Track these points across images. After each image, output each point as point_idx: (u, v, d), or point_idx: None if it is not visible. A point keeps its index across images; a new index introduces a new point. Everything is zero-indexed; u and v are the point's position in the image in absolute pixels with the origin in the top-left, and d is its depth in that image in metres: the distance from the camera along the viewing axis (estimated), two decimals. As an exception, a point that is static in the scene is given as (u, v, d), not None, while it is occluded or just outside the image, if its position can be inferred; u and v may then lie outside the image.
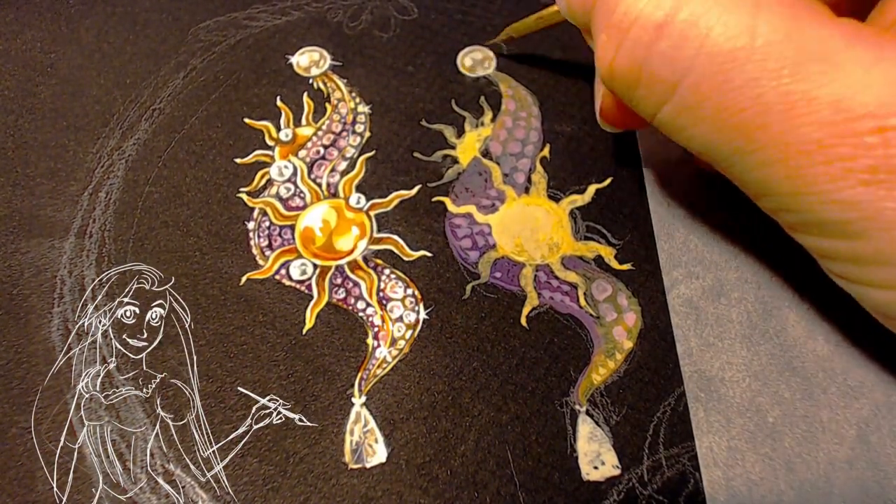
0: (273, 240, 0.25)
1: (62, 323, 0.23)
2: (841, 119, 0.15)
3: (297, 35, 0.30)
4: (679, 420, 0.21)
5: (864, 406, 0.21)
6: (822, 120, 0.15)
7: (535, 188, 0.26)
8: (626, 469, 0.21)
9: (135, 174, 0.26)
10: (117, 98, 0.28)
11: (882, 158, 0.15)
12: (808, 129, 0.15)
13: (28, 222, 0.25)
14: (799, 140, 0.15)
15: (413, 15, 0.31)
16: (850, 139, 0.15)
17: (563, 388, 0.22)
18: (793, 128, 0.15)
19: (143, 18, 0.31)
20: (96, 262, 0.24)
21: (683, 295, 0.24)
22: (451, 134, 0.28)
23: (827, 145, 0.15)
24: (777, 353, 0.22)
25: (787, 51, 0.15)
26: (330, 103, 0.28)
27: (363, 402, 0.22)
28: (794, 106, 0.15)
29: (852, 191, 0.15)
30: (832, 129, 0.15)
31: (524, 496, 0.20)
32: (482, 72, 0.29)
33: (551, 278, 0.24)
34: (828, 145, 0.15)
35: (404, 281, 0.24)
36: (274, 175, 0.26)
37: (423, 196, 0.26)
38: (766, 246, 0.24)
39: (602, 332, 0.23)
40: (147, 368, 0.22)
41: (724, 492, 0.20)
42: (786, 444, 0.21)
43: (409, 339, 0.23)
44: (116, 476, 0.21)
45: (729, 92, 0.16)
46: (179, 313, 0.23)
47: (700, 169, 0.26)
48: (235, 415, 0.21)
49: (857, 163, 0.15)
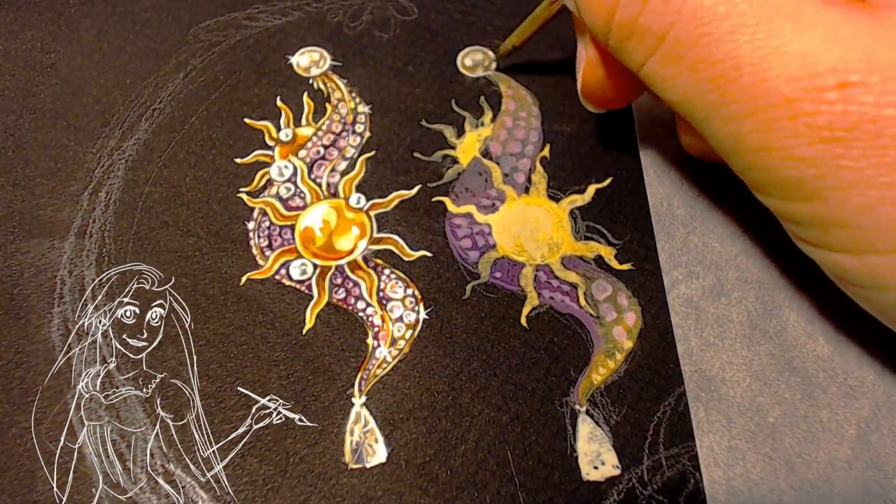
0: (273, 240, 0.25)
1: (62, 323, 0.23)
2: (806, 74, 0.16)
3: (297, 35, 0.30)
4: (679, 420, 0.21)
5: (864, 406, 0.21)
6: (790, 74, 0.16)
7: (535, 188, 0.26)
8: (626, 469, 0.21)
9: (135, 174, 0.26)
10: (117, 98, 0.28)
11: (840, 115, 0.15)
12: (776, 83, 0.16)
13: (28, 222, 0.25)
14: (767, 94, 0.16)
15: (413, 15, 0.31)
16: (812, 93, 0.16)
17: (563, 388, 0.22)
18: (762, 81, 0.16)
19: (143, 18, 0.31)
20: (96, 262, 0.24)
21: (684, 295, 0.24)
22: (451, 134, 0.28)
23: (792, 99, 0.16)
24: (777, 352, 0.22)
25: (763, 10, 0.16)
26: (330, 103, 0.28)
27: (363, 402, 0.22)
28: (764, 60, 0.16)
29: (812, 147, 0.16)
30: (798, 83, 0.16)
31: (524, 496, 0.20)
32: (482, 72, 0.29)
33: (551, 278, 0.24)
34: (793, 99, 0.16)
35: (404, 281, 0.24)
36: (274, 175, 0.26)
37: (423, 196, 0.26)
38: (767, 246, 0.24)
39: (602, 332, 0.23)
40: (147, 368, 0.22)
41: (724, 492, 0.20)
42: (786, 443, 0.21)
43: (409, 339, 0.23)
44: (116, 476, 0.21)
45: (707, 45, 0.17)
46: (179, 313, 0.23)
47: (694, 156, 0.26)
48: (235, 415, 0.21)
49: (817, 118, 0.16)
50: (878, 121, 0.15)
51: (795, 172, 0.17)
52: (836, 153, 0.16)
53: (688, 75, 0.18)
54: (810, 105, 0.16)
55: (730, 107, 0.17)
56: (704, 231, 0.25)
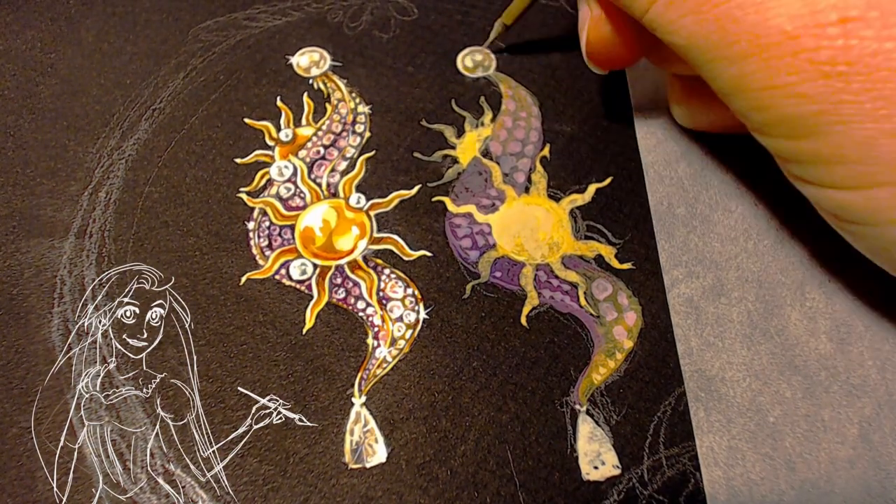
0: (273, 240, 0.25)
1: (62, 323, 0.23)
2: (807, 11, 0.16)
3: (297, 35, 0.30)
4: (679, 420, 0.21)
5: (865, 405, 0.21)
6: (792, 12, 0.16)
7: (535, 188, 0.26)
8: (627, 469, 0.21)
9: (135, 174, 0.26)
10: (117, 98, 0.28)
11: (841, 49, 0.16)
12: (778, 21, 0.16)
13: (28, 222, 0.25)
14: (769, 32, 0.17)
15: (413, 15, 0.31)
16: (814, 29, 0.16)
17: (563, 388, 0.22)
18: (764, 20, 0.17)
19: (143, 18, 0.31)
20: (96, 262, 0.24)
21: (684, 294, 0.24)
22: (451, 134, 0.28)
23: (794, 36, 0.16)
24: (778, 352, 0.22)
25: None
26: (330, 103, 0.28)
27: (363, 402, 0.22)
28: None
29: (813, 83, 0.16)
30: (799, 20, 0.16)
31: (524, 496, 0.20)
32: (482, 72, 0.29)
33: (551, 278, 0.24)
34: (795, 36, 0.16)
35: (404, 281, 0.24)
36: (274, 175, 0.26)
37: (423, 196, 0.26)
38: (767, 245, 0.24)
39: (602, 332, 0.23)
40: (147, 368, 0.22)
41: (724, 492, 0.20)
42: (787, 443, 0.21)
43: (409, 339, 0.23)
44: (116, 476, 0.21)
45: None
46: (179, 313, 0.23)
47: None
48: (235, 415, 0.21)
49: (819, 54, 0.16)
50: (877, 54, 0.16)
51: (797, 109, 0.17)
52: (837, 87, 0.16)
53: (692, 17, 0.18)
54: (812, 41, 0.16)
55: (733, 47, 0.17)
56: (704, 231, 0.25)
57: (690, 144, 0.27)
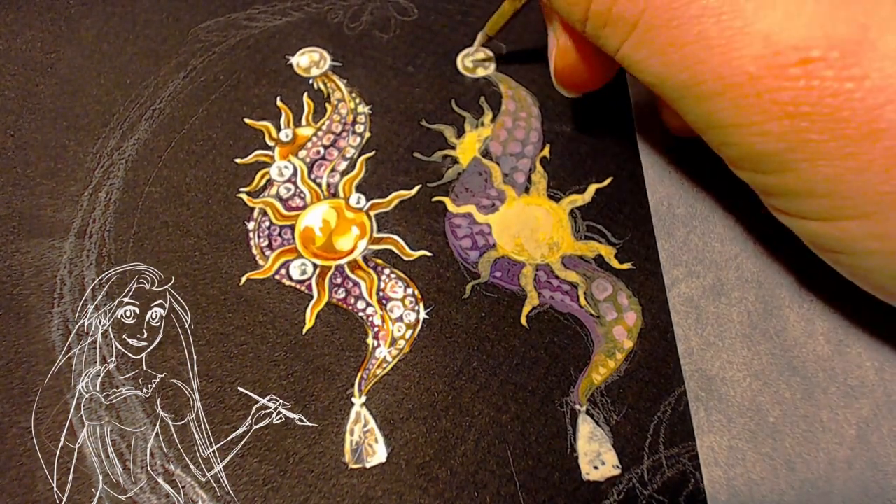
0: (273, 240, 0.25)
1: (62, 323, 0.23)
2: (770, 52, 0.16)
3: (297, 35, 0.30)
4: (679, 420, 0.21)
5: (864, 406, 0.21)
6: (754, 53, 0.16)
7: (535, 188, 0.26)
8: (627, 469, 0.21)
9: (135, 174, 0.26)
10: (117, 98, 0.28)
11: (803, 90, 0.16)
12: (741, 62, 0.17)
13: (28, 222, 0.25)
14: (733, 73, 0.17)
15: (413, 15, 0.31)
16: (776, 71, 0.16)
17: (563, 388, 0.22)
18: (729, 61, 0.17)
19: (143, 18, 0.31)
20: (96, 262, 0.24)
21: (684, 294, 0.24)
22: (451, 134, 0.28)
23: (757, 77, 0.16)
24: (777, 352, 0.22)
25: None
26: (330, 103, 0.28)
27: (363, 402, 0.22)
28: (730, 41, 0.17)
29: (779, 122, 0.17)
30: (762, 61, 0.16)
31: (524, 496, 0.20)
32: (482, 72, 0.29)
33: (551, 278, 0.24)
34: (758, 77, 0.16)
35: (404, 281, 0.24)
36: (274, 175, 0.26)
37: (423, 196, 0.26)
38: (767, 245, 0.24)
39: (602, 332, 0.23)
40: (147, 368, 0.22)
41: (724, 491, 0.20)
42: (786, 443, 0.21)
43: (409, 339, 0.23)
44: (116, 476, 0.21)
45: (676, 28, 0.17)
46: (179, 313, 0.23)
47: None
48: (235, 415, 0.21)
49: (781, 95, 0.16)
50: (838, 95, 0.16)
51: (766, 147, 0.17)
52: (802, 127, 0.16)
53: (660, 58, 0.18)
54: (774, 82, 0.16)
55: (700, 87, 0.18)
56: (704, 230, 0.25)
57: (690, 144, 0.27)
